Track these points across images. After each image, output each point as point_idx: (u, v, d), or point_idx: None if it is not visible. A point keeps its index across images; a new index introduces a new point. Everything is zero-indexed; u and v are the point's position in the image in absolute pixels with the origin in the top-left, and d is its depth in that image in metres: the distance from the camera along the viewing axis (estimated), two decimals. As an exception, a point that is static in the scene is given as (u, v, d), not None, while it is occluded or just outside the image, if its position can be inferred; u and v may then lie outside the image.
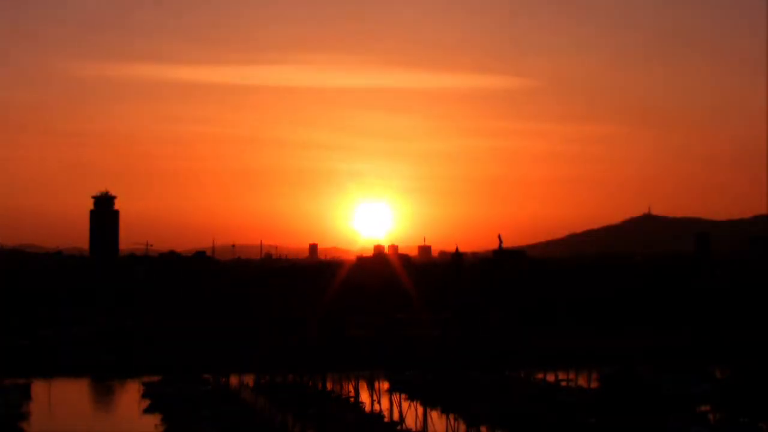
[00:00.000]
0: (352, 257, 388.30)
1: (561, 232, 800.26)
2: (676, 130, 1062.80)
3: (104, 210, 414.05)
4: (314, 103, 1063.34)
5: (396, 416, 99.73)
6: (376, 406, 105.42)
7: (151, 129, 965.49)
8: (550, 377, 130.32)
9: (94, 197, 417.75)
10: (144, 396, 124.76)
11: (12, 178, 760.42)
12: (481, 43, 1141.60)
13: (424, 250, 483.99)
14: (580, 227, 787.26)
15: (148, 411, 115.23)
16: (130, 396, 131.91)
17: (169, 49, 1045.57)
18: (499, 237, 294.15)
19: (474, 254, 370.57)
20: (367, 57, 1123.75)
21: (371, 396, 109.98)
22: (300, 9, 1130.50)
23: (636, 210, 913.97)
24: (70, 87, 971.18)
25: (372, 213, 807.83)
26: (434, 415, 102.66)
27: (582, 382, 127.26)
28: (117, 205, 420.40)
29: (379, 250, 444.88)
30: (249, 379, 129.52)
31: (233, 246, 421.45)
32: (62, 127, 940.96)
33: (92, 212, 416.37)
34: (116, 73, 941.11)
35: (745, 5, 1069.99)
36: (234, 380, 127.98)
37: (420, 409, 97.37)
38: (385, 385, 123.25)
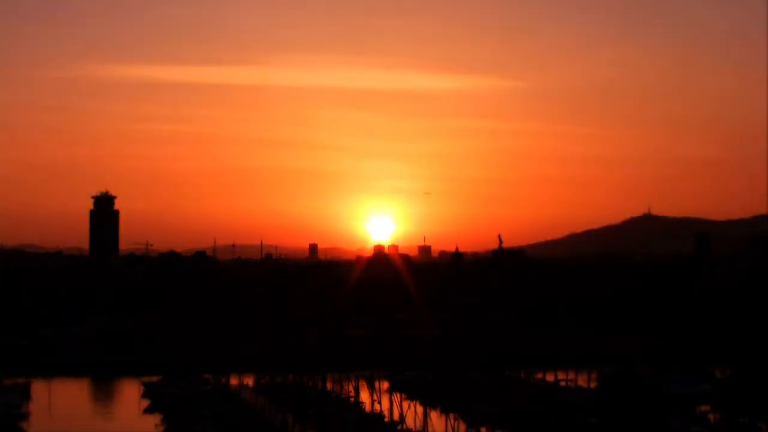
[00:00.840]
0: (352, 257, 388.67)
1: (561, 232, 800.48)
2: (676, 130, 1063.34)
3: (104, 210, 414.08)
4: (315, 103, 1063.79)
5: (396, 416, 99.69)
6: (376, 406, 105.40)
7: (152, 129, 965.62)
8: (550, 377, 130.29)
9: (94, 197, 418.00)
10: (144, 396, 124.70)
11: (12, 178, 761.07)
12: (481, 45, 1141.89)
13: (424, 250, 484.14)
14: (580, 227, 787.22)
15: (148, 411, 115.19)
16: (130, 396, 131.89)
17: (167, 50, 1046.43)
18: (499, 237, 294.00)
19: (474, 254, 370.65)
20: (366, 58, 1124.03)
21: (371, 396, 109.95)
22: (300, 10, 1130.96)
23: (636, 210, 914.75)
24: (70, 88, 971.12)
25: (372, 213, 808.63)
26: (434, 415, 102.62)
27: (582, 382, 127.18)
28: (117, 205, 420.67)
29: (379, 250, 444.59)
30: (249, 379, 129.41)
31: (233, 246, 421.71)
32: (62, 127, 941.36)
33: (92, 212, 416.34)
34: (116, 74, 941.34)
35: (746, 5, 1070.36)
36: (234, 380, 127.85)
37: (420, 409, 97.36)
38: (385, 385, 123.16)
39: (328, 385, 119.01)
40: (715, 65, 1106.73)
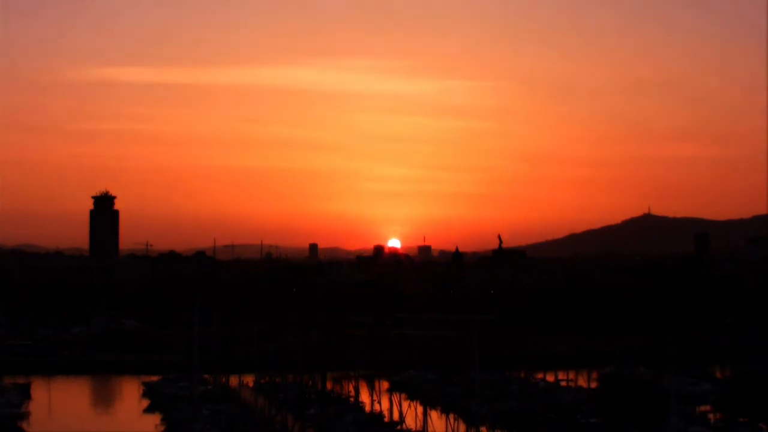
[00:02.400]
0: (353, 257, 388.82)
1: (561, 232, 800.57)
2: (676, 130, 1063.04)
3: (104, 210, 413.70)
4: (316, 104, 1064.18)
5: (396, 416, 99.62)
6: (376, 406, 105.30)
7: (152, 130, 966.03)
8: (550, 377, 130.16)
9: (94, 197, 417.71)
10: (144, 396, 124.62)
11: (12, 178, 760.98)
12: (480, 47, 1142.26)
13: (424, 250, 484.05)
14: (580, 227, 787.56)
15: (148, 411, 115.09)
16: (130, 396, 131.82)
17: (166, 52, 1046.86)
18: (499, 237, 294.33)
19: (474, 254, 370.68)
20: (366, 60, 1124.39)
21: (371, 396, 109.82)
22: (302, 13, 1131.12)
23: (636, 210, 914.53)
24: (71, 89, 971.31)
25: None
26: (434, 415, 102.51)
27: (582, 382, 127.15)
28: (117, 205, 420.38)
29: (379, 250, 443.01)
30: (249, 379, 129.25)
31: (233, 246, 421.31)
32: (62, 127, 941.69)
33: (92, 212, 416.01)
34: (117, 76, 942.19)
35: (745, 5, 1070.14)
36: (234, 380, 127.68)
37: (420, 409, 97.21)
38: (385, 385, 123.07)
39: (328, 385, 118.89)
40: (716, 65, 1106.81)
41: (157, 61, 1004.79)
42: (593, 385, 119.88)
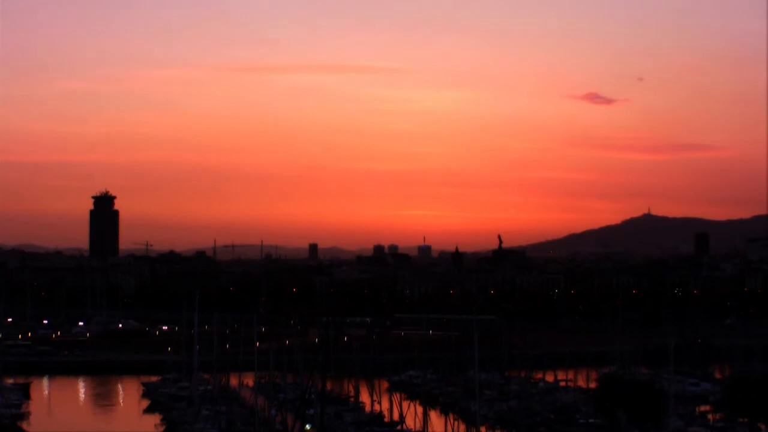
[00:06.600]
0: (353, 257, 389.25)
1: (561, 232, 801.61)
2: (676, 130, 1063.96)
3: (104, 210, 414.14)
4: (316, 104, 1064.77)
5: (396, 416, 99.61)
6: (376, 406, 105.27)
7: (152, 130, 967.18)
8: (550, 377, 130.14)
9: (94, 197, 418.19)
10: (144, 396, 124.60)
11: (12, 178, 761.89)
12: (477, 51, 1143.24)
13: (424, 250, 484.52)
14: (580, 227, 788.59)
15: (148, 411, 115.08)
16: (130, 396, 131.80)
17: (168, 53, 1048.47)
18: (499, 237, 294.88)
19: (474, 254, 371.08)
20: (371, 61, 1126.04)
21: (371, 396, 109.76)
22: (309, 13, 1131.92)
23: (636, 210, 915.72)
24: (70, 89, 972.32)
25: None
26: (434, 415, 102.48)
27: (582, 382, 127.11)
28: (117, 205, 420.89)
29: (379, 251, 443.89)
30: (249, 379, 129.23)
31: (233, 246, 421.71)
32: (63, 128, 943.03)
33: (92, 212, 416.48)
34: (114, 77, 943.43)
35: (747, 4, 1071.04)
36: (234, 380, 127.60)
37: (420, 409, 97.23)
38: (385, 385, 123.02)
39: (328, 385, 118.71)
40: (716, 64, 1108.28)
41: (156, 64, 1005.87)
42: (593, 385, 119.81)
